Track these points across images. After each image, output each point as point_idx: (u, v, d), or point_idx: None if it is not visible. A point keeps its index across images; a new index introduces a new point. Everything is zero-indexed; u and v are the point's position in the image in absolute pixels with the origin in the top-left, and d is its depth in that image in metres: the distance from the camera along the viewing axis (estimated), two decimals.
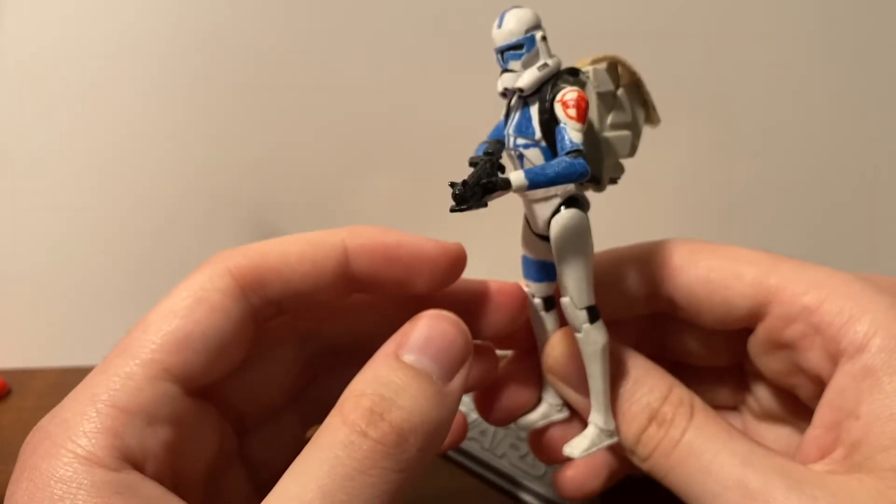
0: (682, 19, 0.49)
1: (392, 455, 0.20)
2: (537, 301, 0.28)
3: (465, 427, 0.31)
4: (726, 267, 0.26)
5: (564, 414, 0.30)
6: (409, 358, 0.22)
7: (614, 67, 0.26)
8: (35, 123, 0.50)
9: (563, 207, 0.24)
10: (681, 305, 0.27)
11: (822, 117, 0.52)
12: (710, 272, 0.26)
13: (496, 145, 0.25)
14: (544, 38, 0.24)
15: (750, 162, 0.53)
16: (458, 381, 0.23)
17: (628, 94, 0.27)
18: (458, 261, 0.26)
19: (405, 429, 0.20)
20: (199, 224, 0.52)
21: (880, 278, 0.26)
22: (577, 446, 0.26)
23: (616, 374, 0.26)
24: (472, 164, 0.23)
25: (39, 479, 0.19)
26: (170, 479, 0.21)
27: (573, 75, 0.25)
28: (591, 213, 0.25)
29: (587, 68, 0.26)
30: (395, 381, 0.21)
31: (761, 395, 0.29)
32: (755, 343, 0.27)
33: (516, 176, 0.22)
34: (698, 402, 0.25)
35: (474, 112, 0.52)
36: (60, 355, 0.50)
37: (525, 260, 0.28)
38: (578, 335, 0.26)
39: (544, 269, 0.27)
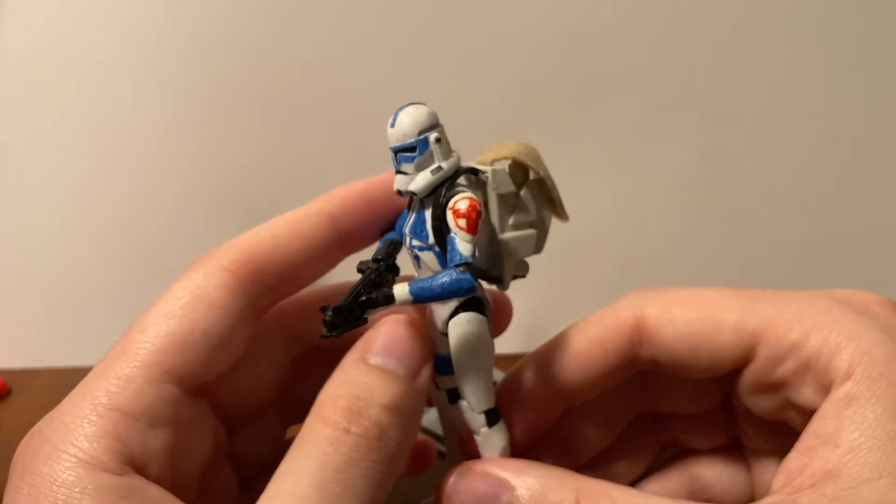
0: (682, 19, 0.49)
1: (375, 448, 0.21)
2: (442, 393, 0.26)
3: (433, 455, 0.31)
4: (704, 318, 0.25)
5: None
6: (376, 361, 0.23)
7: (518, 165, 0.25)
8: (35, 123, 0.50)
9: (460, 310, 0.23)
10: (663, 363, 0.26)
11: (823, 117, 0.52)
12: (689, 326, 0.25)
13: (389, 248, 0.24)
14: (439, 140, 0.22)
15: (750, 163, 0.53)
16: (423, 377, 0.23)
17: (532, 192, 0.25)
18: None
19: (384, 423, 0.21)
20: (199, 224, 0.52)
21: (846, 294, 0.25)
22: None
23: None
24: (360, 270, 0.23)
25: (41, 485, 0.19)
26: (169, 480, 0.21)
27: (474, 174, 0.24)
28: (594, 211, 0.24)
29: (487, 168, 0.24)
30: (367, 382, 0.22)
31: (752, 431, 0.28)
32: (744, 384, 0.26)
33: (400, 291, 0.21)
34: (615, 490, 0.22)
35: (476, 113, 0.52)
36: (60, 355, 0.50)
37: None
38: (477, 437, 0.25)
39: (450, 363, 0.25)
